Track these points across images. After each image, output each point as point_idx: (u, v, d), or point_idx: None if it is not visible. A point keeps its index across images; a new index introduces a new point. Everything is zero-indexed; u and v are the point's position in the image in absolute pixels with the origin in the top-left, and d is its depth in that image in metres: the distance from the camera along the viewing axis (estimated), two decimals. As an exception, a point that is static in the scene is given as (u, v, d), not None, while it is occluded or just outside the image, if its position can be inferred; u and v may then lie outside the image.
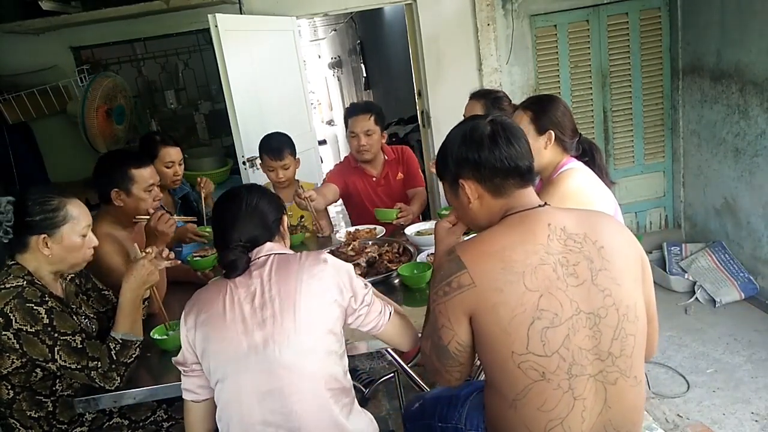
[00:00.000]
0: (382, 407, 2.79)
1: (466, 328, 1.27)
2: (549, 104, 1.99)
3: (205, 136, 4.76)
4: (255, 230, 1.49)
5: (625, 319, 1.25)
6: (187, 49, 4.62)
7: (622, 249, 1.30)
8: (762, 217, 3.44)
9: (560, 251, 1.25)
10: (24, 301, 1.57)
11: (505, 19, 3.89)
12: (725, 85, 3.55)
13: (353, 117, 2.89)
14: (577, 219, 1.31)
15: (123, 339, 1.66)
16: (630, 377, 1.27)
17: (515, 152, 1.31)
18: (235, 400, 1.38)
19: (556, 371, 1.21)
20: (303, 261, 1.45)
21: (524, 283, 1.21)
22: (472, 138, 1.33)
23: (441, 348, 1.32)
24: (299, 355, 1.36)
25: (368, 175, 3.00)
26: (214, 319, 1.39)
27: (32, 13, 3.41)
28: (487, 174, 1.32)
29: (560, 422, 1.23)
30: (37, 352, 1.57)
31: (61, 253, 1.68)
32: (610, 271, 1.26)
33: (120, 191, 2.16)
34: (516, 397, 1.24)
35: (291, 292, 1.38)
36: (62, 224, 1.66)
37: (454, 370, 1.35)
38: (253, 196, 1.53)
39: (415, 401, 1.74)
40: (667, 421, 2.55)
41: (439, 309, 1.29)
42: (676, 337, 3.19)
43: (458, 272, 1.25)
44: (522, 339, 1.20)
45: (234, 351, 1.36)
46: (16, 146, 3.76)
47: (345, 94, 10.09)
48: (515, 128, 1.36)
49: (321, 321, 1.40)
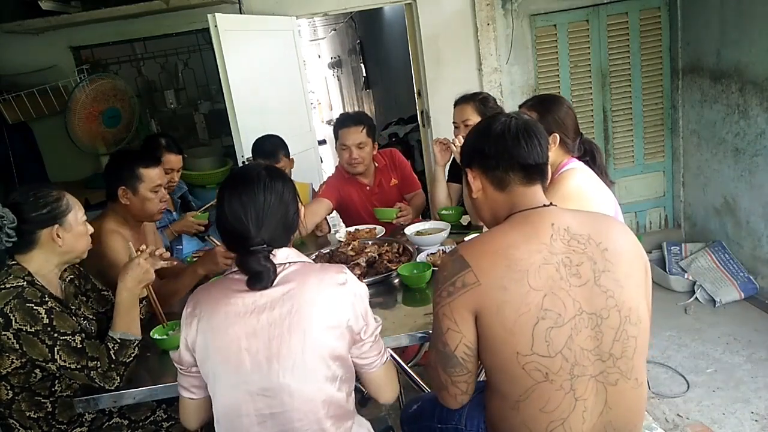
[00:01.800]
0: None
1: (472, 329, 1.26)
2: (554, 105, 1.99)
3: (204, 136, 4.76)
4: (277, 229, 1.34)
5: (627, 321, 1.26)
6: (186, 49, 4.62)
7: (626, 252, 1.30)
8: (762, 216, 3.44)
9: (563, 251, 1.25)
10: (24, 301, 1.57)
11: (505, 18, 3.88)
12: (725, 85, 3.55)
13: (344, 129, 2.79)
14: (581, 220, 1.31)
15: (121, 338, 1.66)
16: (631, 379, 1.27)
17: (520, 149, 1.32)
18: (233, 419, 1.31)
19: (559, 372, 1.21)
20: (322, 277, 1.33)
21: (528, 282, 1.21)
22: (485, 130, 1.38)
23: (447, 355, 1.29)
24: (304, 378, 1.28)
25: (362, 185, 2.92)
26: (217, 329, 1.30)
27: (32, 13, 3.40)
28: (489, 164, 1.35)
29: (561, 423, 1.23)
30: (36, 353, 1.57)
31: (71, 240, 1.70)
32: (613, 273, 1.26)
33: (127, 189, 2.17)
34: (519, 399, 1.24)
35: (304, 311, 1.28)
36: (68, 212, 1.69)
37: (461, 380, 1.32)
38: (275, 181, 1.35)
39: (412, 403, 1.73)
40: (667, 420, 2.55)
41: (443, 312, 1.27)
42: (676, 336, 3.19)
43: (462, 271, 1.25)
44: (527, 339, 1.20)
45: (236, 367, 1.28)
46: (16, 146, 3.76)
47: (345, 93, 10.10)
48: (532, 127, 1.36)
49: (331, 345, 1.30)
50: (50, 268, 1.71)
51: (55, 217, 1.66)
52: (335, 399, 1.33)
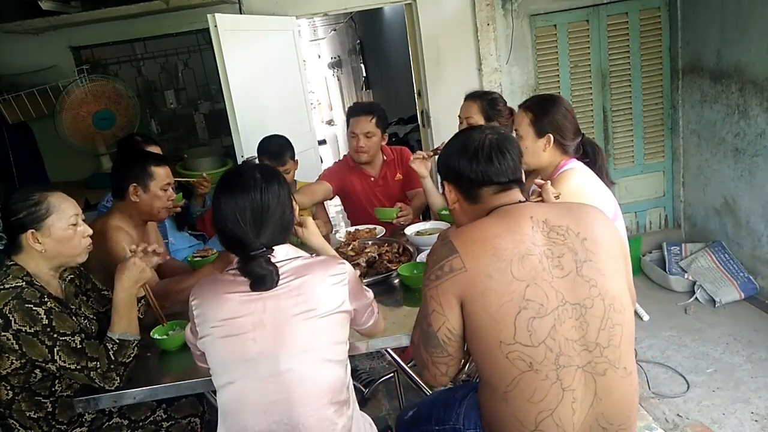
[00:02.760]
0: (382, 407, 2.79)
1: (457, 314, 1.29)
2: (550, 106, 1.98)
3: (204, 136, 4.76)
4: (275, 231, 1.36)
5: (611, 309, 1.27)
6: (186, 49, 4.62)
7: (606, 241, 1.33)
8: (762, 217, 3.44)
9: (544, 243, 1.28)
10: (23, 301, 1.57)
11: (505, 18, 3.88)
12: (725, 85, 3.55)
13: (355, 117, 2.87)
14: (558, 212, 1.34)
15: (120, 339, 1.66)
16: (619, 368, 1.28)
17: (493, 168, 1.36)
18: (239, 407, 1.34)
19: (543, 362, 1.23)
20: (324, 268, 1.38)
21: (511, 272, 1.24)
22: (459, 148, 1.41)
23: (429, 335, 1.33)
24: (309, 364, 1.33)
25: (366, 175, 2.99)
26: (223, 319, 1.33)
27: (32, 13, 3.40)
28: (464, 183, 1.40)
29: (550, 414, 1.24)
30: (36, 353, 1.57)
31: (55, 246, 1.67)
32: (594, 262, 1.28)
33: (138, 186, 2.18)
34: (506, 389, 1.26)
35: (309, 300, 1.33)
36: (46, 216, 1.66)
37: (441, 361, 1.35)
38: (271, 183, 1.36)
39: (408, 409, 1.74)
40: (666, 420, 2.55)
41: (431, 294, 1.31)
42: (676, 337, 3.19)
43: (450, 256, 1.28)
44: (509, 328, 1.22)
45: (241, 356, 1.32)
46: (16, 146, 3.76)
47: (345, 94, 10.09)
48: (505, 144, 1.39)
49: (334, 331, 1.37)
50: (45, 270, 1.70)
51: (29, 222, 1.64)
52: (337, 385, 1.37)
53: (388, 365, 2.99)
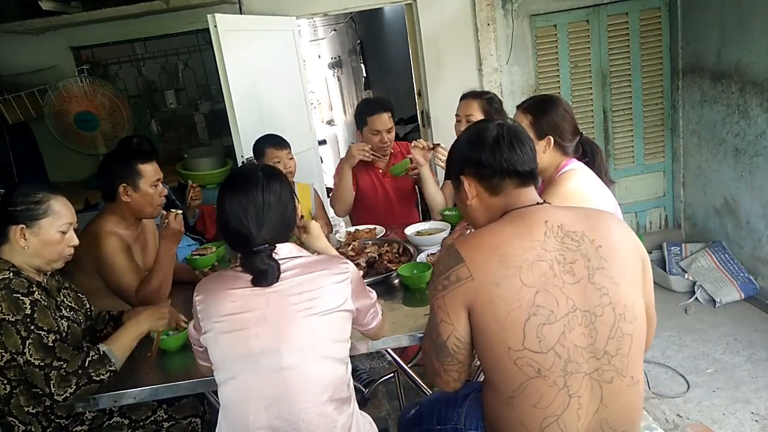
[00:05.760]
0: (382, 407, 2.79)
1: (465, 323, 1.28)
2: (549, 107, 1.97)
3: (204, 136, 4.76)
4: (277, 227, 1.40)
5: (621, 319, 1.26)
6: (186, 49, 4.62)
7: (622, 248, 1.30)
8: (762, 217, 3.44)
9: (557, 249, 1.26)
10: (11, 291, 1.57)
11: (505, 19, 3.88)
12: (725, 85, 3.55)
13: (375, 115, 2.85)
14: (575, 217, 1.32)
15: (105, 353, 1.62)
16: (626, 377, 1.27)
17: (516, 156, 1.34)
18: (241, 403, 1.35)
19: (551, 368, 1.22)
20: (327, 266, 1.41)
21: (521, 278, 1.22)
22: (477, 139, 1.39)
23: (439, 345, 1.32)
24: (311, 362, 1.34)
25: (375, 168, 3.01)
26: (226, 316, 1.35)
27: (32, 13, 3.40)
28: (486, 173, 1.36)
29: (556, 420, 1.24)
30: (11, 343, 1.56)
31: (37, 246, 1.67)
32: (607, 270, 1.26)
33: (128, 186, 2.17)
34: (512, 394, 1.25)
35: (312, 297, 1.35)
36: (42, 217, 1.66)
37: (452, 369, 1.35)
38: (272, 181, 1.41)
39: (410, 408, 1.73)
40: (667, 421, 2.55)
41: (438, 304, 1.30)
42: (676, 337, 3.19)
43: (456, 265, 1.27)
44: (518, 335, 1.21)
45: (243, 351, 1.34)
46: (16, 146, 3.76)
47: (345, 94, 10.08)
48: (521, 134, 1.39)
49: (337, 329, 1.39)
50: (25, 267, 1.69)
51: (23, 218, 1.64)
52: (338, 383, 1.39)
53: (388, 365, 2.99)
